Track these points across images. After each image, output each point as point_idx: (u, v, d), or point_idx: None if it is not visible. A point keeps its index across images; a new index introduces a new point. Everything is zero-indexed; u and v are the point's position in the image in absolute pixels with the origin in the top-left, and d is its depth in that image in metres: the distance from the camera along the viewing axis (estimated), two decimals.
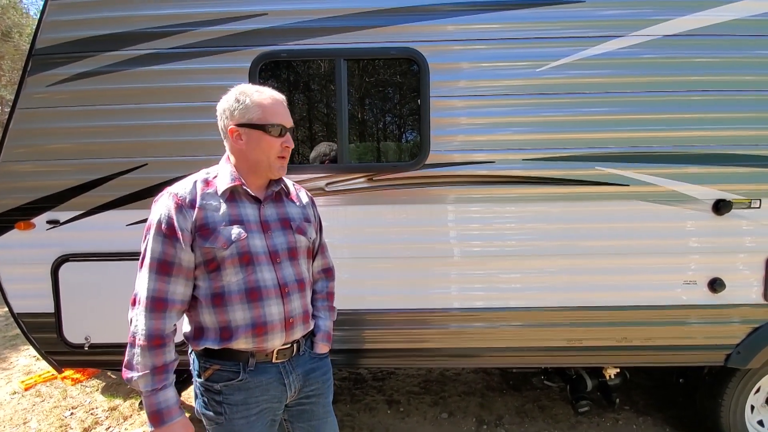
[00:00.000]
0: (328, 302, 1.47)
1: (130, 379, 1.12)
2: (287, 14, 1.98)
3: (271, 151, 1.22)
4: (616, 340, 2.08)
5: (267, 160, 1.22)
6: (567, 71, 1.96)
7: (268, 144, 1.21)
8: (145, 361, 1.11)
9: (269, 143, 1.21)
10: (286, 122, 1.24)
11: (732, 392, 2.17)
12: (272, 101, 1.22)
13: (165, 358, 1.13)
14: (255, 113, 1.19)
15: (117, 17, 2.00)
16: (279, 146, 1.22)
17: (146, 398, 1.12)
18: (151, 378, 1.11)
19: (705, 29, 1.95)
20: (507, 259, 2.06)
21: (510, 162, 2.00)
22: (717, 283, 2.01)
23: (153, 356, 1.12)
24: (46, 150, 2.05)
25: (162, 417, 1.12)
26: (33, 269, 2.08)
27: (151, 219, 1.18)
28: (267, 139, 1.20)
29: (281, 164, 1.25)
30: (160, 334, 1.13)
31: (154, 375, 1.11)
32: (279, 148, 1.22)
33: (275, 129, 1.21)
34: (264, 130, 1.20)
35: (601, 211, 2.01)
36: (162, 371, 1.13)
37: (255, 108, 1.19)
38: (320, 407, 1.36)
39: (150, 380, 1.11)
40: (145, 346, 1.11)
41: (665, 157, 1.97)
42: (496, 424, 2.70)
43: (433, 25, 1.97)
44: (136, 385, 1.12)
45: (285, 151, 1.25)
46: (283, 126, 1.22)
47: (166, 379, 1.14)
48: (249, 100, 1.20)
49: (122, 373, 1.13)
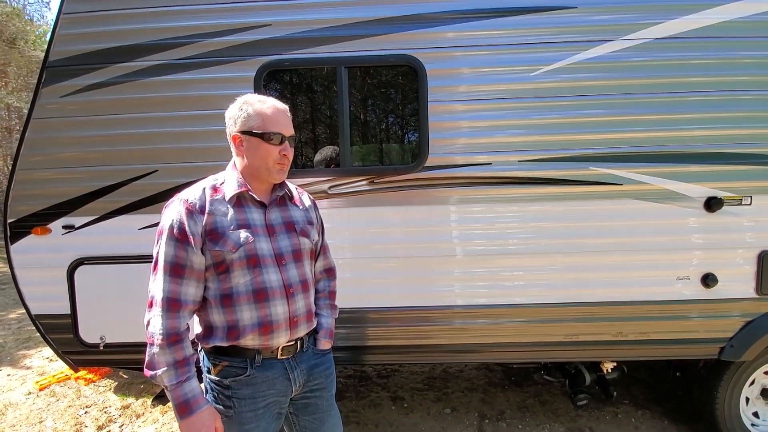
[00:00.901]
0: (330, 301, 1.52)
1: (153, 376, 1.17)
2: (290, 25, 2.06)
3: (269, 158, 1.26)
4: (611, 334, 2.14)
5: (266, 167, 1.27)
6: (560, 75, 2.03)
7: (266, 151, 1.26)
8: (166, 358, 1.17)
9: (267, 150, 1.26)
10: (285, 131, 1.28)
11: (726, 385, 2.22)
12: (273, 111, 1.27)
13: (184, 353, 1.19)
14: (255, 122, 1.25)
15: (127, 30, 2.09)
16: (277, 154, 1.27)
17: (172, 392, 1.17)
18: (174, 371, 1.17)
19: (694, 32, 2.01)
20: (505, 258, 2.13)
21: (507, 163, 2.07)
22: (710, 278, 2.07)
23: (173, 352, 1.18)
24: (60, 158, 2.14)
25: (190, 407, 1.17)
26: (49, 272, 2.17)
27: (162, 224, 1.24)
28: (265, 147, 1.26)
29: (280, 169, 1.30)
30: (176, 331, 1.19)
31: (177, 368, 1.17)
32: (277, 155, 1.27)
33: (275, 137, 1.25)
34: (263, 138, 1.25)
35: (596, 210, 2.08)
36: (184, 364, 1.19)
37: (255, 117, 1.26)
38: (324, 401, 1.42)
39: (174, 374, 1.17)
40: (164, 344, 1.17)
41: (657, 157, 2.04)
42: (498, 418, 2.77)
43: (429, 32, 2.04)
44: (160, 380, 1.17)
45: (283, 159, 1.29)
46: (282, 135, 1.27)
47: (189, 371, 1.19)
48: (251, 109, 1.26)
49: (144, 373, 1.19)
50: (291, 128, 1.31)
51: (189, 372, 1.19)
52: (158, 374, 1.17)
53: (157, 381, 1.18)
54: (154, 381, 1.18)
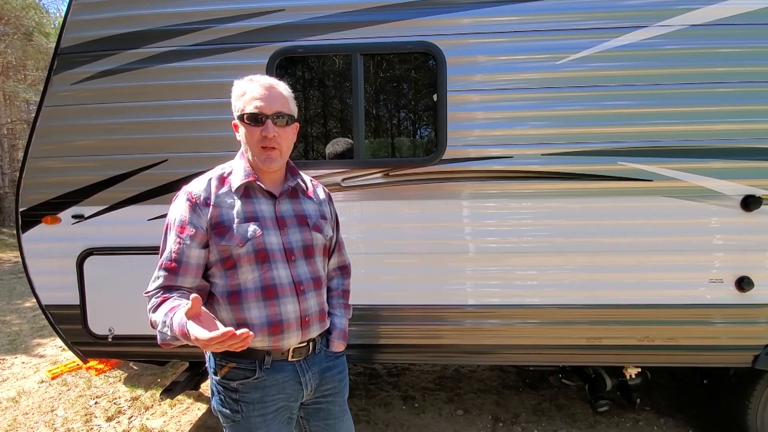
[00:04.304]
0: (344, 300, 1.44)
1: (164, 338, 1.08)
2: (303, 10, 1.98)
3: (251, 141, 1.17)
4: (637, 339, 2.03)
5: (252, 152, 1.18)
6: (588, 63, 1.92)
7: (248, 134, 1.16)
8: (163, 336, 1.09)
9: (248, 133, 1.16)
10: (266, 108, 1.14)
11: (760, 394, 2.10)
12: (255, 88, 1.16)
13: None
14: (238, 103, 1.18)
15: (138, 15, 2.04)
16: (259, 135, 1.15)
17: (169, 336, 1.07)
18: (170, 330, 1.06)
19: (733, 18, 1.88)
20: (524, 256, 2.03)
21: (528, 157, 1.96)
22: (745, 281, 1.94)
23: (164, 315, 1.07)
24: (71, 146, 2.11)
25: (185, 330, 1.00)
26: (59, 262, 2.14)
27: (167, 219, 1.20)
28: (247, 129, 1.16)
29: (266, 155, 1.17)
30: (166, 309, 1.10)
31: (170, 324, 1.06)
32: (259, 137, 1.15)
33: (249, 117, 1.14)
34: (241, 119, 1.17)
35: (624, 207, 1.96)
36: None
37: (237, 97, 1.18)
38: (336, 406, 1.35)
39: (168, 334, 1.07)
40: (157, 321, 1.09)
41: (690, 152, 1.91)
42: (513, 422, 2.68)
43: (450, 18, 1.95)
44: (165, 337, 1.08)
45: (265, 141, 1.15)
46: (259, 113, 1.14)
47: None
48: (239, 90, 1.19)
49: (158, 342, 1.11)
50: (277, 104, 1.16)
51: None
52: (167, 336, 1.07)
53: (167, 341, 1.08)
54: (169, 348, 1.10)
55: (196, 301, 0.97)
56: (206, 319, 0.99)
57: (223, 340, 0.93)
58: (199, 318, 0.98)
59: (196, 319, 0.97)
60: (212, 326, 0.97)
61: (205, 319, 0.99)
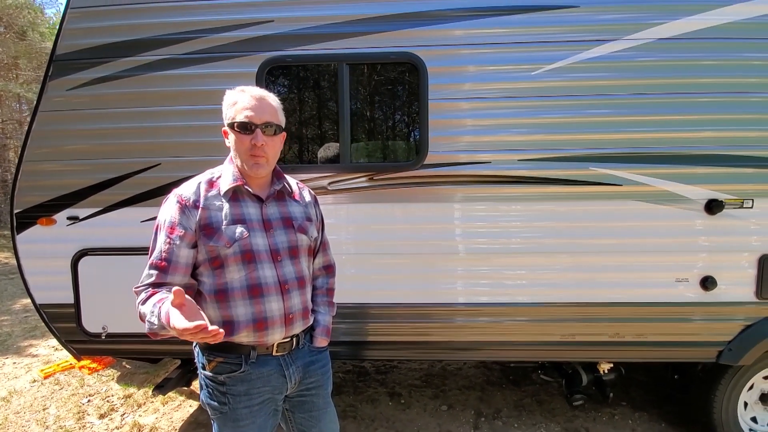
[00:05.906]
0: (328, 298, 1.51)
1: (152, 328, 1.14)
2: (292, 21, 2.07)
3: (240, 149, 1.24)
4: (608, 335, 2.14)
5: (241, 158, 1.26)
6: (562, 74, 2.02)
7: (238, 141, 1.24)
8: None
9: (238, 140, 1.24)
10: (256, 118, 1.22)
11: (724, 389, 2.21)
12: (245, 98, 1.24)
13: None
14: (229, 111, 1.26)
15: (132, 24, 2.11)
16: (248, 143, 1.22)
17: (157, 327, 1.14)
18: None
19: (699, 33, 2.00)
20: (504, 257, 2.13)
21: (506, 162, 2.07)
22: (709, 281, 2.05)
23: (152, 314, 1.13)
24: (66, 150, 2.18)
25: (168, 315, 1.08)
26: (54, 263, 2.21)
27: (158, 220, 1.27)
28: (237, 137, 1.24)
29: (254, 162, 1.24)
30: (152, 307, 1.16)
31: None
32: (248, 145, 1.22)
33: (240, 126, 1.22)
34: (231, 127, 1.24)
35: (596, 210, 2.07)
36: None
37: (228, 106, 1.26)
38: (320, 398, 1.42)
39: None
40: (145, 312, 1.16)
41: (658, 158, 2.03)
42: (494, 416, 2.78)
43: (431, 30, 2.05)
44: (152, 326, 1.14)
45: (255, 149, 1.23)
46: (249, 122, 1.22)
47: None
48: (230, 99, 1.27)
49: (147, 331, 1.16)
50: (266, 115, 1.24)
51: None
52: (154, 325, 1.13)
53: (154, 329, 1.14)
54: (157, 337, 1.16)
55: (177, 293, 1.05)
56: (190, 309, 1.07)
57: (195, 332, 1.01)
58: (183, 308, 1.06)
59: (180, 309, 1.05)
60: (196, 316, 1.05)
61: (189, 310, 1.06)
